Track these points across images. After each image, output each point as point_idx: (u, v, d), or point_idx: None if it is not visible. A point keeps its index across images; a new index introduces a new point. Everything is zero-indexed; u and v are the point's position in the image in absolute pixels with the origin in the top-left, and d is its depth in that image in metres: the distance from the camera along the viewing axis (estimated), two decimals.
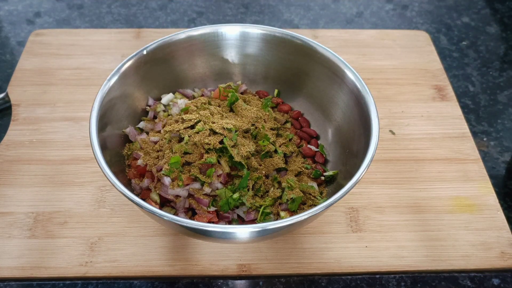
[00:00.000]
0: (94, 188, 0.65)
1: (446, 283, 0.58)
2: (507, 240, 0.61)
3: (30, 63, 0.81)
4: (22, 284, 0.57)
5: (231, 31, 0.68)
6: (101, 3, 0.97)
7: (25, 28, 0.91)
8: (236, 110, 0.63)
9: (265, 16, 0.96)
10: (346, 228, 0.62)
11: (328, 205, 0.50)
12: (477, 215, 0.64)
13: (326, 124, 0.68)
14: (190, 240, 0.60)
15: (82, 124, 0.73)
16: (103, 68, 0.81)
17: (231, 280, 0.58)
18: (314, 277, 0.58)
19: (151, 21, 0.94)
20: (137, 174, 0.61)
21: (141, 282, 0.57)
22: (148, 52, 0.65)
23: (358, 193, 0.65)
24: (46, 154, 0.69)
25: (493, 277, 0.58)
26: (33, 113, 0.74)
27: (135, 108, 0.67)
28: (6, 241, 0.60)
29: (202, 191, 0.57)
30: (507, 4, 1.00)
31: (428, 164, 0.69)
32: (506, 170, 0.71)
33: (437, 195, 0.66)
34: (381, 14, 0.97)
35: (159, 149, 0.60)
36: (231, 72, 0.72)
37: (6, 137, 0.71)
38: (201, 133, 0.57)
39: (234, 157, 0.57)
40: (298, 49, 0.67)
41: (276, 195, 0.58)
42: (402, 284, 0.58)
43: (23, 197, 0.64)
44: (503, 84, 0.84)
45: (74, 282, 0.57)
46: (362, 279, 0.58)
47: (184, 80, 0.71)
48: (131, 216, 0.63)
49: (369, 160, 0.53)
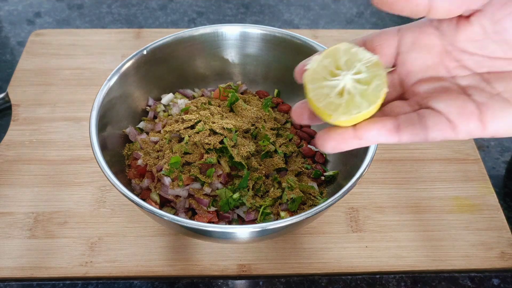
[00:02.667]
0: (94, 188, 0.65)
1: (446, 283, 0.58)
2: (507, 240, 0.61)
3: (30, 63, 0.81)
4: (22, 284, 0.57)
5: (231, 31, 0.68)
6: (101, 3, 0.97)
7: (25, 28, 0.91)
8: (236, 110, 0.63)
9: (265, 16, 0.96)
10: (346, 228, 0.62)
11: (328, 205, 0.50)
12: (477, 215, 0.64)
13: (326, 124, 0.68)
14: (190, 240, 0.60)
15: (82, 124, 0.73)
16: (103, 68, 0.81)
17: (231, 280, 0.58)
18: (314, 277, 0.58)
19: (151, 21, 0.94)
20: (137, 174, 0.61)
21: (141, 282, 0.57)
22: (148, 52, 0.65)
23: (358, 193, 0.65)
24: (46, 154, 0.69)
25: (493, 277, 0.58)
26: (33, 113, 0.74)
27: (135, 108, 0.67)
28: (6, 241, 0.60)
29: (202, 191, 0.57)
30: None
31: (428, 164, 0.69)
32: (506, 170, 0.71)
33: (437, 195, 0.66)
34: (381, 14, 0.97)
35: (159, 149, 0.60)
36: (231, 72, 0.72)
37: (6, 137, 0.71)
38: (201, 133, 0.58)
39: (234, 157, 0.57)
40: (298, 49, 0.67)
41: (276, 195, 0.58)
42: (402, 284, 0.58)
43: (23, 197, 0.64)
44: None
45: (74, 282, 0.57)
46: (362, 279, 0.58)
47: (184, 80, 0.71)
48: (131, 216, 0.63)
49: (369, 160, 0.53)
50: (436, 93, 0.37)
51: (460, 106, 0.35)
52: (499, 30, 0.33)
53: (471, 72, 0.37)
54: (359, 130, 0.36)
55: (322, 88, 0.37)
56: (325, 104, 0.37)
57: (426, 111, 0.36)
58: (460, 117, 0.35)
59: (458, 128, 0.35)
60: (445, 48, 0.37)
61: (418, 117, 0.36)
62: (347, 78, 0.37)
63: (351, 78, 0.37)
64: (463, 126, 0.35)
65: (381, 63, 0.37)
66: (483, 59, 0.36)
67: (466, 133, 0.35)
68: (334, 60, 0.38)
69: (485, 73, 0.36)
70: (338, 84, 0.37)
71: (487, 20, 0.33)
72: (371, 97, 0.36)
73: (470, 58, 0.37)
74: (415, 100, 0.38)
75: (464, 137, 0.35)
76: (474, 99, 0.35)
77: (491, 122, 0.34)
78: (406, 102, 0.38)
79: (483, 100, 0.35)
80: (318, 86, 0.37)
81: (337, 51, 0.38)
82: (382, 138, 0.36)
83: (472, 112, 0.35)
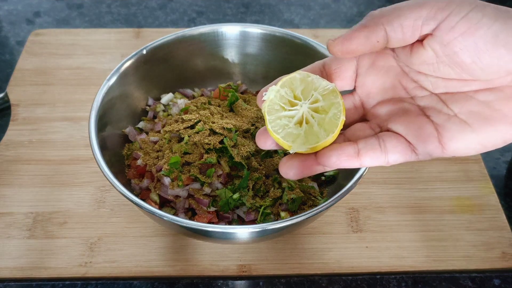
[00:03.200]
0: (94, 188, 0.65)
1: (447, 284, 0.58)
2: (508, 240, 0.61)
3: (30, 63, 0.81)
4: (21, 284, 0.57)
5: (231, 31, 0.68)
6: (101, 2, 0.97)
7: (24, 28, 0.91)
8: (236, 110, 0.63)
9: (265, 15, 0.96)
10: (347, 229, 0.62)
11: (329, 205, 0.49)
12: (478, 215, 0.63)
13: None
14: (190, 241, 0.60)
15: (81, 124, 0.72)
16: (102, 68, 0.80)
17: (231, 280, 0.57)
18: (314, 278, 0.58)
19: (151, 20, 0.94)
20: (136, 174, 0.61)
21: (141, 283, 0.57)
22: (147, 51, 0.64)
23: (359, 193, 0.65)
24: (45, 154, 0.69)
25: (494, 278, 0.58)
26: (33, 113, 0.74)
27: (134, 108, 0.66)
28: (5, 242, 0.60)
29: (202, 191, 0.57)
30: (508, 4, 1.00)
31: (429, 164, 0.69)
32: (507, 170, 0.71)
33: (438, 195, 0.65)
34: None
35: (159, 149, 0.60)
36: (231, 71, 0.72)
37: (5, 137, 0.71)
38: (201, 133, 0.57)
39: (234, 157, 0.56)
40: (298, 49, 0.67)
41: (276, 195, 0.58)
42: (402, 284, 0.58)
43: (22, 197, 0.64)
44: None
45: (74, 283, 0.57)
46: (362, 280, 0.58)
47: (184, 80, 0.71)
48: (131, 216, 0.62)
49: None
50: (395, 115, 0.38)
51: (419, 128, 0.36)
52: (449, 54, 0.34)
53: (429, 93, 0.38)
54: (320, 157, 0.37)
55: (280, 118, 0.38)
56: (284, 135, 0.38)
57: (386, 134, 0.37)
58: (419, 139, 0.36)
59: (417, 150, 0.36)
60: (402, 69, 0.38)
61: (378, 141, 0.36)
62: (304, 108, 0.38)
63: (308, 108, 0.38)
64: (422, 148, 0.36)
65: (337, 91, 0.37)
66: (438, 80, 0.36)
67: (426, 154, 0.36)
68: (291, 90, 0.39)
69: (441, 94, 0.37)
70: (295, 114, 0.38)
71: (437, 44, 0.34)
72: (329, 126, 0.37)
73: (426, 80, 0.37)
74: (376, 122, 0.39)
75: (425, 158, 0.36)
76: (432, 121, 0.36)
77: (450, 144, 0.35)
78: (367, 124, 0.39)
79: (441, 122, 0.36)
80: (276, 117, 0.38)
81: (294, 80, 0.39)
82: (343, 163, 0.36)
83: (430, 134, 0.35)
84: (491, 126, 0.34)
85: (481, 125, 0.34)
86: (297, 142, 0.37)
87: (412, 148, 0.36)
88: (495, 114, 0.34)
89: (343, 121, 0.37)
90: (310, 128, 0.37)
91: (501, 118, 0.34)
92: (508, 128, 0.34)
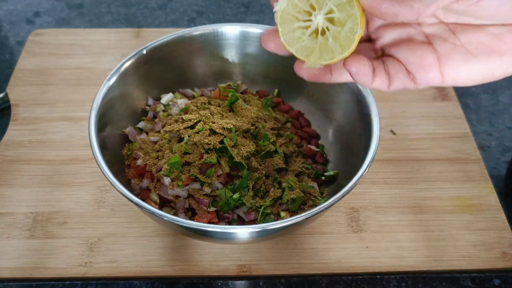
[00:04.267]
0: (94, 188, 0.65)
1: (447, 284, 0.58)
2: (508, 240, 0.61)
3: (30, 63, 0.81)
4: (21, 284, 0.57)
5: (231, 31, 0.68)
6: (101, 2, 0.97)
7: (24, 27, 0.91)
8: (236, 110, 0.63)
9: (266, 15, 0.96)
10: (347, 229, 0.62)
11: (329, 205, 0.49)
12: (478, 215, 0.63)
13: (327, 124, 0.68)
14: (190, 241, 0.60)
15: (81, 124, 0.72)
16: (102, 68, 0.80)
17: (231, 280, 0.57)
18: (314, 278, 0.58)
19: (150, 20, 0.94)
20: (136, 174, 0.61)
21: (141, 283, 0.57)
22: (147, 51, 0.64)
23: (359, 193, 0.65)
24: (45, 154, 0.69)
25: (494, 278, 0.58)
26: (33, 113, 0.74)
27: (134, 108, 0.66)
28: (5, 242, 0.60)
29: (202, 191, 0.57)
30: None
31: (429, 164, 0.69)
32: (507, 170, 0.71)
33: (438, 195, 0.65)
34: None
35: (159, 149, 0.60)
36: (231, 71, 0.72)
37: (5, 137, 0.71)
38: (201, 133, 0.57)
39: (234, 157, 0.56)
40: None
41: (276, 195, 0.58)
42: (403, 284, 0.57)
43: (22, 197, 0.64)
44: (504, 84, 0.83)
45: (74, 283, 0.57)
46: (362, 280, 0.58)
47: (184, 80, 0.71)
48: (131, 216, 0.62)
49: (370, 160, 0.53)
50: (399, 40, 0.37)
51: (420, 57, 0.36)
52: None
53: (438, 21, 0.37)
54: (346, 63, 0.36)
55: (293, 31, 0.36)
56: (297, 49, 0.36)
57: (388, 59, 0.36)
58: (419, 68, 0.36)
59: (417, 79, 0.36)
60: None
61: (383, 65, 0.36)
62: (319, 18, 0.35)
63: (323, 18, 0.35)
64: (422, 78, 0.36)
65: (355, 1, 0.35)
66: (451, 11, 0.36)
67: (425, 84, 0.36)
68: None
69: (451, 24, 0.36)
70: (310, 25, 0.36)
71: None
72: (344, 41, 0.35)
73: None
74: (379, 44, 0.38)
75: (424, 86, 0.36)
76: (435, 49, 0.36)
77: (450, 73, 0.35)
78: (371, 45, 0.39)
79: (444, 51, 0.35)
80: (290, 30, 0.36)
81: None
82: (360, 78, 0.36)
83: (431, 64, 0.35)
84: (498, 56, 0.34)
85: (487, 56, 0.34)
86: (311, 57, 0.36)
87: (412, 77, 0.36)
88: (503, 46, 0.34)
89: (360, 35, 0.35)
90: (325, 43, 0.36)
91: (507, 50, 0.34)
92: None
